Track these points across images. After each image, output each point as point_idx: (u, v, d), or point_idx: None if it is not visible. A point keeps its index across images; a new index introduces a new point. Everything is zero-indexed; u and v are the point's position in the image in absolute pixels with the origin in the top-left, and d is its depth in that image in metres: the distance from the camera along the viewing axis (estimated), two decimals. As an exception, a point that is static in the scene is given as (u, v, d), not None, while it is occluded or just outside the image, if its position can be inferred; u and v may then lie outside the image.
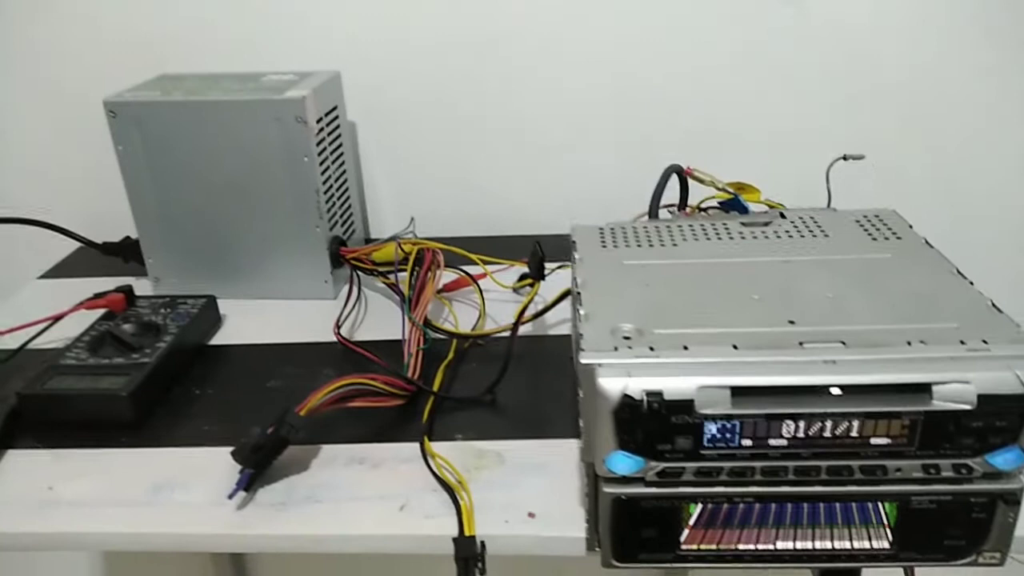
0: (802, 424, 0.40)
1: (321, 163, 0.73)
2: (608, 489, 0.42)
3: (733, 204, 0.64)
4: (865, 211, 0.58)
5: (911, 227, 0.56)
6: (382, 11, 0.84)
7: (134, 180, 0.74)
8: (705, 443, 0.40)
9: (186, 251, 0.77)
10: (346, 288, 0.76)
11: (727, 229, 0.57)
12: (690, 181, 0.67)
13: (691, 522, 0.43)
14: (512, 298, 0.75)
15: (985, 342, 0.41)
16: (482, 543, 0.46)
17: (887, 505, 0.42)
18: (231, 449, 0.52)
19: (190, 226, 0.76)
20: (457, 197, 0.90)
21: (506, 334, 0.61)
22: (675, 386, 0.39)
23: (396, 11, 0.84)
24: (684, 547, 0.43)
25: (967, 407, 0.39)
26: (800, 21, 0.81)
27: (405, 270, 0.68)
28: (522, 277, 0.75)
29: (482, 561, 0.46)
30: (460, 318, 0.72)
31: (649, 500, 0.42)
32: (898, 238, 0.54)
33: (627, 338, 0.43)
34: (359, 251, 0.75)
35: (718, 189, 0.64)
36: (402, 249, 0.70)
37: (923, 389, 0.39)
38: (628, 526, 0.42)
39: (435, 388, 0.61)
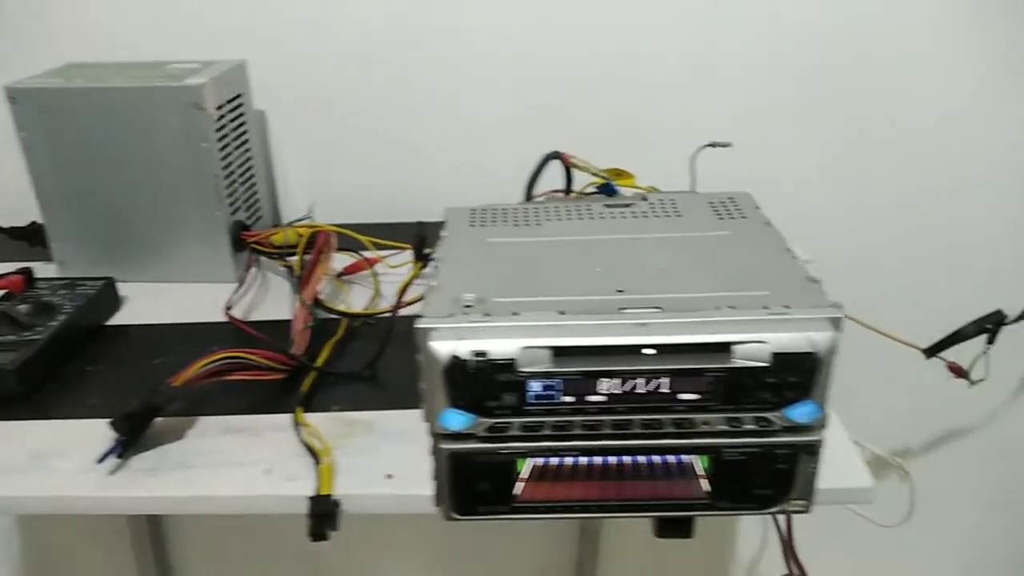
0: (617, 381, 0.43)
1: (222, 149, 0.75)
2: (444, 445, 0.45)
3: (606, 189, 0.67)
4: (722, 193, 0.62)
5: (758, 208, 0.60)
6: (292, 3, 0.86)
7: (37, 165, 0.76)
8: (529, 400, 0.44)
9: (91, 235, 0.79)
10: (253, 275, 0.78)
11: (590, 210, 0.60)
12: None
13: (523, 475, 0.46)
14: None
15: (787, 307, 0.44)
16: (336, 501, 0.49)
17: (702, 457, 0.46)
18: (110, 420, 0.54)
19: (94, 211, 0.77)
20: (365, 185, 0.93)
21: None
22: (499, 347, 0.43)
23: (306, 3, 0.86)
24: (519, 499, 0.46)
25: (763, 364, 0.43)
26: (729, 20, 0.85)
27: (296, 253, 0.70)
28: (418, 260, 0.78)
29: (335, 518, 0.49)
30: (358, 300, 0.75)
31: (481, 455, 0.45)
32: (743, 217, 0.58)
33: (468, 306, 0.46)
34: (260, 235, 0.77)
35: (593, 174, 0.67)
36: (297, 232, 0.72)
37: (724, 348, 0.43)
38: (464, 480, 0.46)
39: (319, 363, 0.63)
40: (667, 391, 0.44)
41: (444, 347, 0.42)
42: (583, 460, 0.45)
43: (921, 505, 1.02)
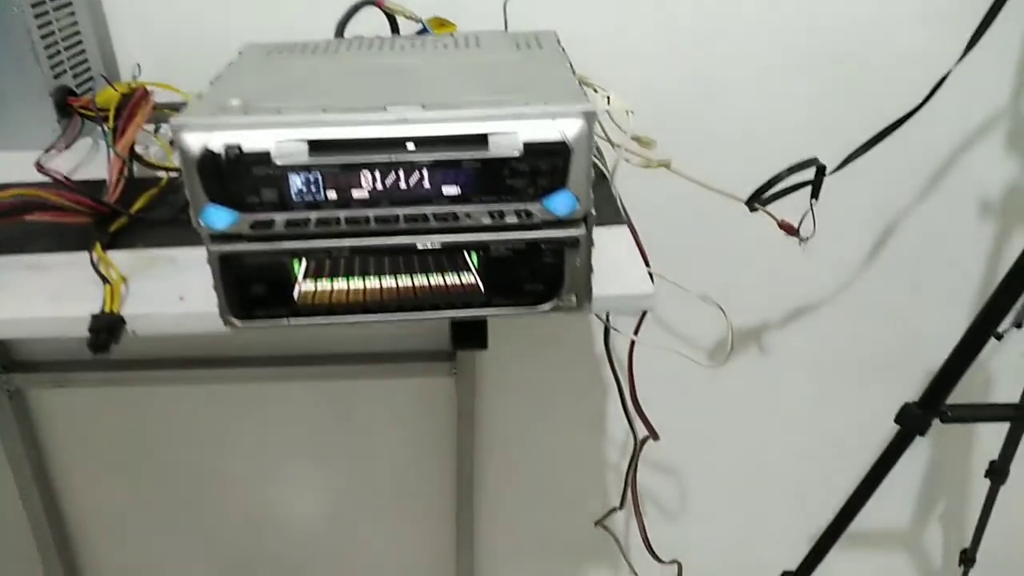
0: (378, 174, 0.44)
1: (36, 6, 0.73)
2: (214, 248, 0.45)
3: (422, 34, 0.67)
4: (529, 32, 0.63)
5: (559, 43, 0.60)
6: None
7: None
8: (292, 195, 0.44)
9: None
10: (74, 137, 0.76)
11: (392, 45, 0.60)
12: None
13: (299, 277, 0.47)
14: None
15: (545, 103, 0.46)
16: (120, 317, 0.49)
17: (472, 255, 0.47)
18: None
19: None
20: (209, 52, 0.90)
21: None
22: (253, 139, 0.43)
23: None
24: (298, 302, 0.48)
25: (515, 154, 0.44)
26: None
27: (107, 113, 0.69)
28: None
29: (117, 332, 0.49)
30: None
31: (252, 256, 0.46)
32: (540, 48, 0.59)
33: (231, 110, 0.46)
34: (85, 100, 0.75)
35: (407, 18, 0.67)
36: (115, 89, 0.70)
37: (480, 140, 0.44)
38: (237, 283, 0.46)
39: (132, 210, 0.63)
40: (428, 186, 0.45)
41: (196, 140, 0.42)
42: (356, 259, 0.47)
43: (770, 369, 1.09)
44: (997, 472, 1.06)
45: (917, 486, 1.22)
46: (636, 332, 0.85)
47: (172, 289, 0.53)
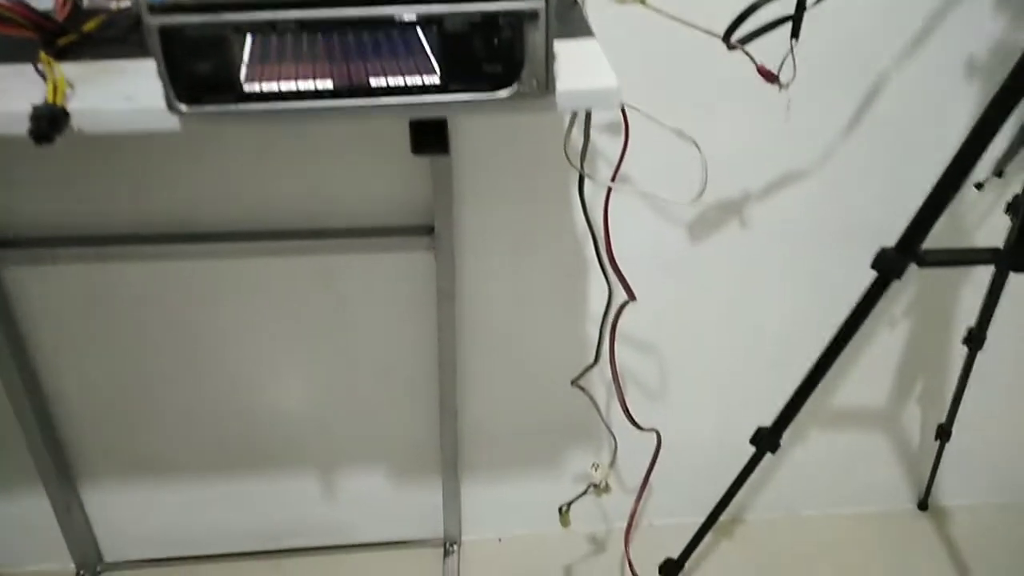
0: (322, -67, 0.42)
1: None
2: (153, 20, 0.43)
3: None
4: None
5: None
6: None
7: None
8: (232, -43, 0.42)
9: None
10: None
11: None
12: None
13: (244, 56, 0.45)
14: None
15: None
16: (63, 109, 0.48)
17: (427, 31, 0.45)
18: None
19: None
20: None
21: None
22: None
23: None
24: (246, 86, 0.46)
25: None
26: None
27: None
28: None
29: (59, 122, 0.47)
30: None
31: (193, 28, 0.44)
32: None
33: None
34: (30, -67, 0.71)
35: None
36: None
37: None
38: (180, 60, 0.44)
39: (84, 30, 0.60)
40: (376, -53, 0.43)
41: None
42: (303, 36, 0.45)
43: (749, 235, 1.08)
44: (975, 338, 1.07)
45: (896, 366, 1.23)
46: (613, 180, 0.85)
47: (120, 90, 0.51)
